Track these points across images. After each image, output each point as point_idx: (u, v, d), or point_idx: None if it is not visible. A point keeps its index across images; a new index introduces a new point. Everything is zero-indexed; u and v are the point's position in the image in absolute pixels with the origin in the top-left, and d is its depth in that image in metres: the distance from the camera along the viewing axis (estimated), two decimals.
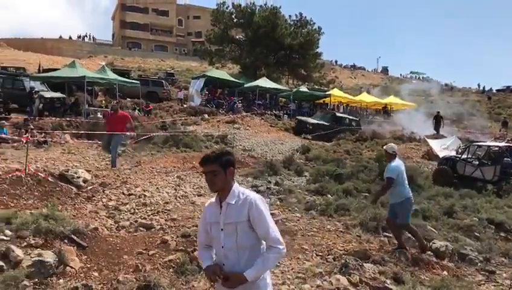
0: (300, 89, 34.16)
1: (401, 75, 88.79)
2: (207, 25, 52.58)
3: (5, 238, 5.23)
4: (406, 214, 6.89)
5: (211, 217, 2.83)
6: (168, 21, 79.44)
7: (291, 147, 19.60)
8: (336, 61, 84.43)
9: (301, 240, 6.97)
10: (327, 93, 36.25)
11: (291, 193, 10.33)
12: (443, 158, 15.22)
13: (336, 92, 37.12)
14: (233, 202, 2.71)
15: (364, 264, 5.93)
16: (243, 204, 2.70)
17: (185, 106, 28.51)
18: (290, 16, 44.16)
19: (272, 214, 8.16)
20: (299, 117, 26.68)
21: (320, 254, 6.51)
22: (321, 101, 35.75)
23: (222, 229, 2.74)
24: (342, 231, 7.76)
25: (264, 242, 2.76)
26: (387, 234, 7.69)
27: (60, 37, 69.25)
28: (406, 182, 7.00)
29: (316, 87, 41.99)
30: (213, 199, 2.87)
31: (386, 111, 38.02)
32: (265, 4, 42.74)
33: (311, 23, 43.51)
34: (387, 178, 6.76)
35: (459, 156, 14.64)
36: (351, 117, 27.82)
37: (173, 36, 79.69)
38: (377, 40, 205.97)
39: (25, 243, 5.38)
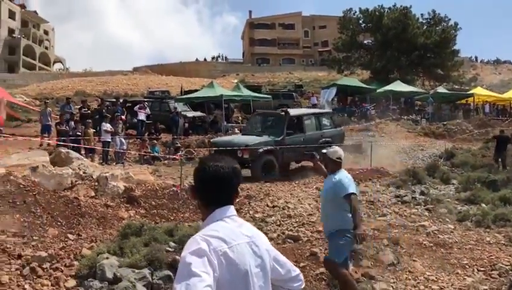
0: (438, 90, 32.06)
1: None
2: (333, 34, 52.35)
3: (170, 249, 5.70)
4: (340, 249, 4.71)
5: None
6: (295, 34, 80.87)
7: (433, 153, 18.42)
8: (476, 58, 77.69)
9: (459, 254, 6.46)
10: (469, 92, 33.49)
11: (440, 202, 9.66)
12: None
13: (479, 90, 34.10)
14: None
15: None
16: None
17: None
18: (422, 14, 41.91)
19: (421, 225, 7.77)
20: (218, 140, 14.79)
21: (482, 269, 5.98)
22: (463, 101, 33.14)
23: None
24: (504, 244, 7.03)
25: None
26: None
27: (196, 59, 74.57)
28: None
29: (456, 87, 39.05)
30: None
31: None
32: (394, 5, 41.12)
33: (446, 19, 40.79)
34: (352, 194, 4.66)
35: None
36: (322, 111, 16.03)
37: (300, 48, 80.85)
38: None
39: None
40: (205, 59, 75.08)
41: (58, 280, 5.00)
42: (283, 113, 13.69)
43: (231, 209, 1.94)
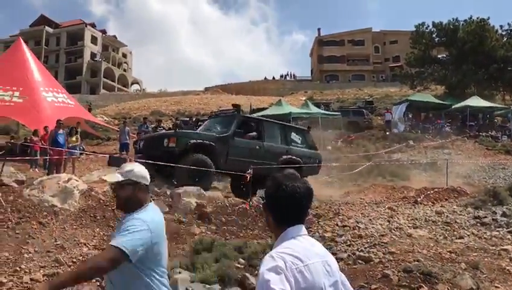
0: None
1: None
2: (405, 49, 51.01)
3: (239, 266, 5.77)
4: None
5: None
6: (364, 50, 79.71)
7: None
8: None
9: None
10: None
11: None
12: None
13: None
14: None
15: None
16: None
17: (387, 133, 27.91)
18: (501, 26, 39.69)
19: (503, 249, 7.26)
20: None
21: None
22: None
23: None
24: None
25: None
26: None
27: (265, 78, 75.58)
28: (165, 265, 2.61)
29: None
30: None
31: None
32: (470, 18, 39.30)
33: None
34: (113, 247, 2.32)
35: None
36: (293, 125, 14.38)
37: (370, 64, 79.47)
38: None
39: (256, 272, 5.86)
40: (273, 77, 75.94)
41: None
42: (234, 112, 11.91)
43: (303, 229, 1.96)
